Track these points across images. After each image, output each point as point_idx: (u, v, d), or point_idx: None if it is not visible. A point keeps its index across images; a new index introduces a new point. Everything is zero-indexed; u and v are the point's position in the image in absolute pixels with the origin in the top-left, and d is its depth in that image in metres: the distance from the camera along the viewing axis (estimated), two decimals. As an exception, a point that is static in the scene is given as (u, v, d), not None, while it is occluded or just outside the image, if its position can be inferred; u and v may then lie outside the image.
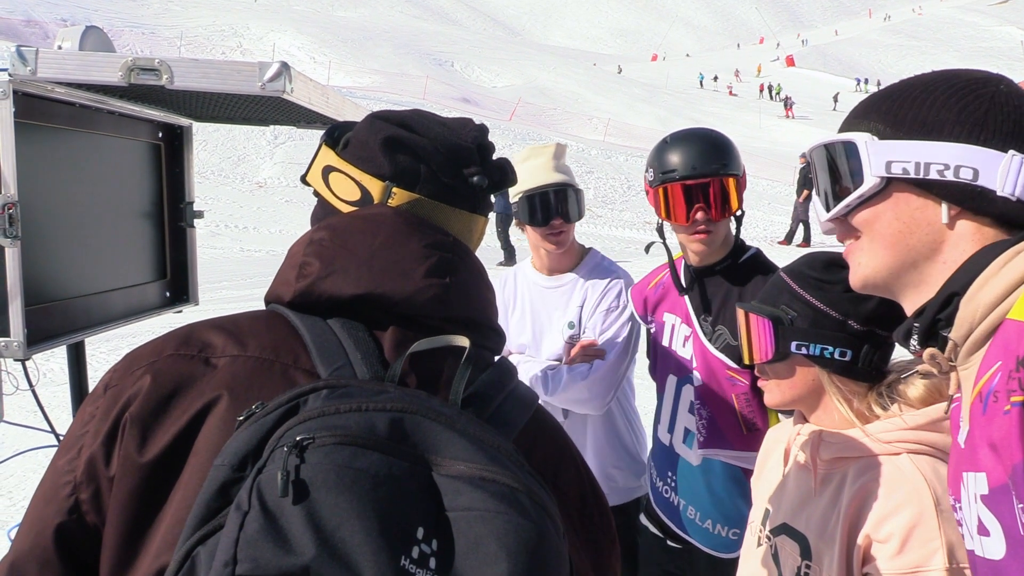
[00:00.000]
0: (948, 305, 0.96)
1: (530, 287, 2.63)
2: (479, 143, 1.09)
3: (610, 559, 1.03)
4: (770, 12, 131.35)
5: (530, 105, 39.18)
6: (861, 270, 1.08)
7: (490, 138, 1.13)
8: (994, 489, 0.89)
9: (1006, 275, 0.90)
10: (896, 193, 1.02)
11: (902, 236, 1.02)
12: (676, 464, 2.30)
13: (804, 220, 17.34)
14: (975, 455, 0.93)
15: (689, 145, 2.17)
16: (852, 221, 1.07)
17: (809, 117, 51.93)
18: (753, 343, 1.50)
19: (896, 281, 1.05)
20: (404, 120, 1.06)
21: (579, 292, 2.54)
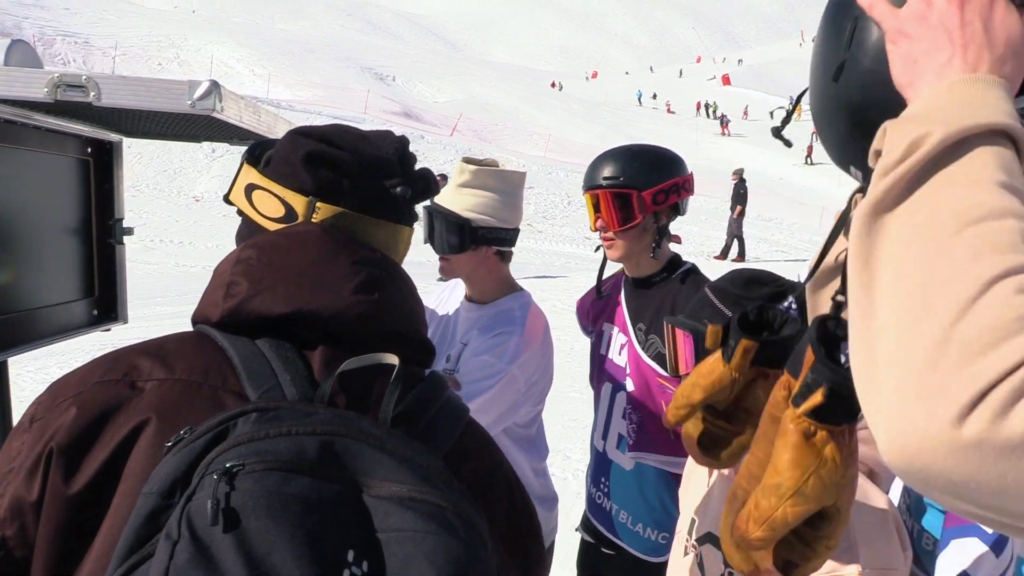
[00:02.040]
0: None
1: (454, 305, 2.47)
2: (400, 154, 1.11)
3: (539, 570, 1.05)
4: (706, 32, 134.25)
5: (472, 120, 39.29)
6: None
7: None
8: None
9: None
10: None
11: None
12: (610, 470, 2.35)
13: (738, 235, 17.72)
14: None
15: (605, 158, 2.29)
16: None
17: (744, 135, 53.10)
18: (678, 355, 1.55)
19: None
20: (325, 135, 1.08)
21: (472, 330, 2.30)
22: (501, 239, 2.27)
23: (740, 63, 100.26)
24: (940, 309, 0.56)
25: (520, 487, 1.06)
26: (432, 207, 2.26)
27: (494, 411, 2.18)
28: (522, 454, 2.36)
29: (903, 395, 0.56)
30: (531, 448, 2.39)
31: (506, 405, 2.20)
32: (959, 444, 0.53)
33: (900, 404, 0.56)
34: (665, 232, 2.30)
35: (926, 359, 0.55)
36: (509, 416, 2.24)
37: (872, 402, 0.59)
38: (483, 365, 2.19)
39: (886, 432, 0.57)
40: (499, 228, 2.25)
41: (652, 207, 2.23)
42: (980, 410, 0.53)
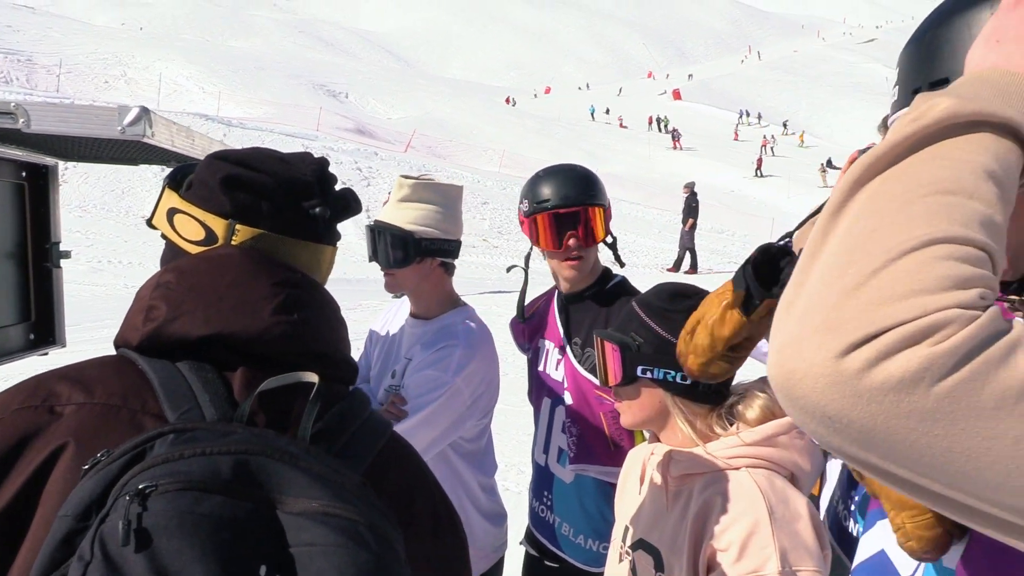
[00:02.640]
0: None
1: (398, 322, 2.49)
2: (319, 176, 1.13)
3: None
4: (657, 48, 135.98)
5: (426, 136, 39.29)
6: None
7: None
8: None
9: None
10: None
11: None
12: (551, 483, 2.39)
13: (690, 248, 17.95)
14: None
15: (560, 178, 2.31)
16: None
17: (695, 148, 53.83)
18: (607, 367, 1.60)
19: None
20: (242, 159, 1.10)
21: (416, 345, 2.33)
22: (445, 250, 2.30)
23: (690, 78, 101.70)
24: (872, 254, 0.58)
25: (444, 500, 1.09)
26: (375, 224, 2.28)
27: (440, 424, 2.19)
28: (469, 469, 2.38)
29: (805, 324, 0.58)
30: (479, 463, 2.42)
31: (452, 418, 2.21)
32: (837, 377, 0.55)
33: (798, 331, 0.58)
34: (614, 244, 2.41)
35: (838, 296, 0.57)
36: (455, 430, 2.26)
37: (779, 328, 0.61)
38: (427, 379, 2.20)
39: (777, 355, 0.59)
40: (442, 239, 2.29)
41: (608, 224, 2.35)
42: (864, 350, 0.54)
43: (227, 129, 25.39)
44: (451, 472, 2.33)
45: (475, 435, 2.37)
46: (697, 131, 63.14)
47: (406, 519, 0.96)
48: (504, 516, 2.47)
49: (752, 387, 1.58)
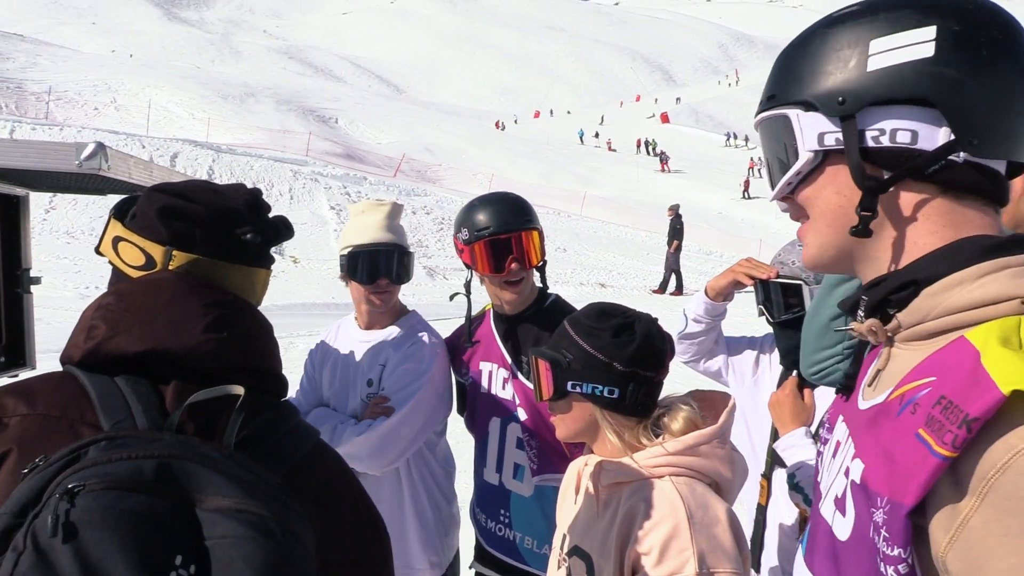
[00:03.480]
0: (904, 289, 0.91)
1: (347, 341, 2.64)
2: (251, 205, 1.24)
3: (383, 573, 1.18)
4: (644, 72, 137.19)
5: (415, 161, 39.50)
6: (809, 250, 1.02)
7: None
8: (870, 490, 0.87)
9: (982, 289, 0.84)
10: (830, 167, 0.96)
11: (843, 211, 0.95)
12: (508, 501, 2.47)
13: (675, 270, 18.08)
14: (863, 437, 0.93)
15: (497, 206, 2.43)
16: (798, 199, 1.01)
17: (683, 171, 54.20)
18: (541, 383, 1.69)
19: (844, 259, 0.99)
20: (179, 190, 1.21)
21: (385, 350, 2.52)
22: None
23: (678, 101, 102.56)
24: None
25: (368, 506, 1.19)
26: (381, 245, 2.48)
27: (426, 410, 2.42)
28: (439, 466, 2.62)
29: None
30: (446, 461, 2.67)
31: (430, 408, 2.44)
32: None
33: None
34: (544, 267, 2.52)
35: None
36: (433, 421, 2.47)
37: None
38: (407, 372, 2.43)
39: None
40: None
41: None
42: None
43: (216, 155, 25.49)
44: (426, 464, 2.56)
45: (441, 431, 2.61)
46: (685, 154, 63.63)
47: (325, 521, 1.06)
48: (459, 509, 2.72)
49: (677, 400, 1.68)
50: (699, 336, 2.56)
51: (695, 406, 1.67)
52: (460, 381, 2.63)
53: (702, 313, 2.51)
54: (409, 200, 25.05)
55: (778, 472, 2.42)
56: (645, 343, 1.63)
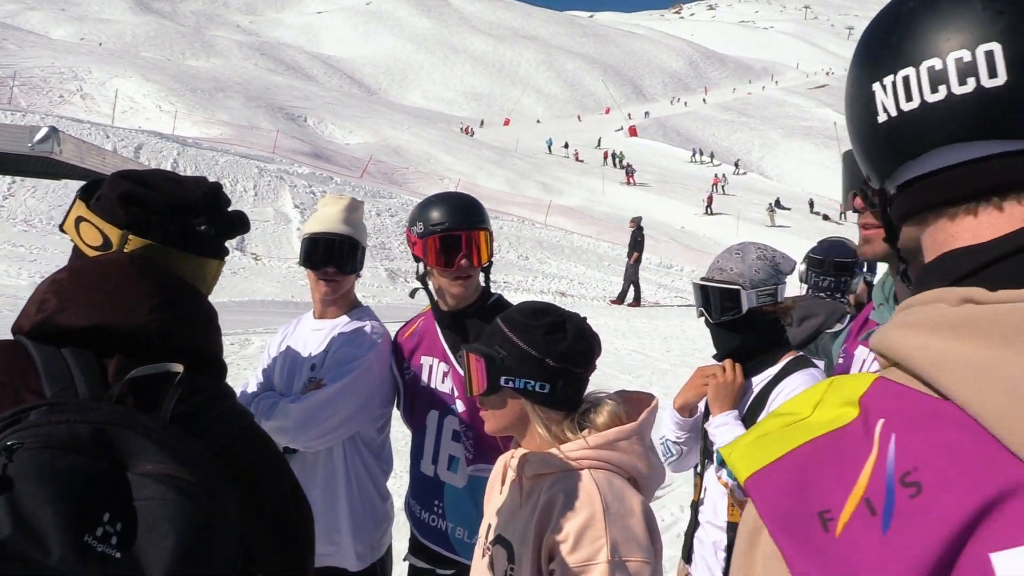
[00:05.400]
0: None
1: (301, 331, 2.75)
2: (210, 197, 1.32)
3: (305, 554, 1.25)
4: (615, 85, 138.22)
5: (382, 163, 39.47)
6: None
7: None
8: None
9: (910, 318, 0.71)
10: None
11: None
12: (442, 491, 2.54)
13: (634, 281, 18.25)
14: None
15: (452, 203, 2.54)
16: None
17: (649, 184, 54.71)
18: (473, 378, 1.77)
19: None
20: (141, 178, 1.29)
21: (331, 339, 2.63)
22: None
23: (647, 115, 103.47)
24: None
25: (294, 485, 1.27)
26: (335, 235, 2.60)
27: (360, 394, 2.49)
28: (376, 462, 2.68)
29: None
30: (383, 458, 2.73)
31: (365, 393, 2.51)
32: None
33: None
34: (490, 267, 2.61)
35: None
36: (368, 408, 2.54)
37: None
38: (344, 355, 2.53)
39: None
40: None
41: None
42: None
43: (181, 148, 25.26)
44: (362, 460, 2.63)
45: (379, 426, 2.68)
46: (651, 167, 64.22)
47: (252, 496, 1.13)
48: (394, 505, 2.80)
49: (604, 397, 1.77)
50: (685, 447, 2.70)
51: (620, 403, 1.76)
52: (401, 378, 2.69)
53: (681, 433, 2.67)
54: (374, 202, 25.02)
55: (711, 469, 2.55)
56: (576, 340, 1.71)
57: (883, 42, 0.79)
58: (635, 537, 1.58)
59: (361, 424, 2.58)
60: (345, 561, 2.61)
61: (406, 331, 2.74)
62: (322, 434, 2.47)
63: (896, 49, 0.77)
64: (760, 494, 0.71)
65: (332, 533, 2.57)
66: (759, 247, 2.52)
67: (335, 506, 2.57)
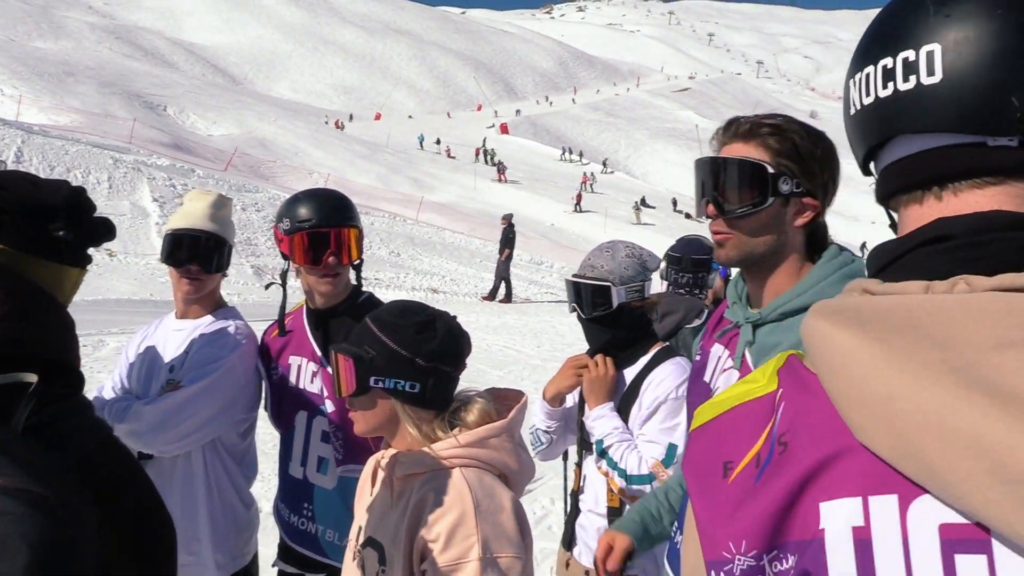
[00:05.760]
0: None
1: (162, 332, 2.65)
2: (71, 202, 1.25)
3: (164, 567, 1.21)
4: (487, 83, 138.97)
5: (248, 156, 38.21)
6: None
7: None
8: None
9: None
10: None
11: None
12: (312, 494, 2.50)
13: (505, 277, 18.43)
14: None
15: (320, 200, 2.48)
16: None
17: (520, 182, 55.30)
18: (341, 378, 1.74)
19: None
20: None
21: (192, 339, 2.54)
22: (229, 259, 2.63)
23: (518, 113, 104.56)
24: None
25: (153, 496, 1.22)
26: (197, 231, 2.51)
27: (220, 397, 2.41)
28: (238, 469, 2.60)
29: None
30: (247, 464, 2.66)
31: (226, 397, 2.43)
32: None
33: None
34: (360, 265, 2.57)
35: None
36: (229, 412, 2.46)
37: None
38: (205, 356, 2.44)
39: None
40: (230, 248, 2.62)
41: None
42: None
43: (26, 136, 23.64)
44: (223, 467, 2.54)
45: (243, 432, 2.61)
46: (522, 165, 64.95)
47: (110, 509, 1.08)
48: (259, 513, 2.74)
49: (474, 395, 1.78)
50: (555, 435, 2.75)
51: (490, 400, 1.78)
52: (269, 378, 2.63)
53: (551, 423, 2.71)
54: (240, 196, 24.21)
55: (589, 459, 2.63)
56: (447, 339, 1.72)
57: (860, 44, 0.89)
58: (506, 533, 1.61)
59: (221, 429, 2.49)
60: (205, 571, 2.52)
61: (274, 330, 2.67)
62: (177, 438, 2.37)
63: (864, 49, 0.86)
64: (690, 446, 0.89)
65: (191, 543, 2.47)
66: (627, 245, 2.60)
67: (194, 515, 2.48)
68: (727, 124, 1.72)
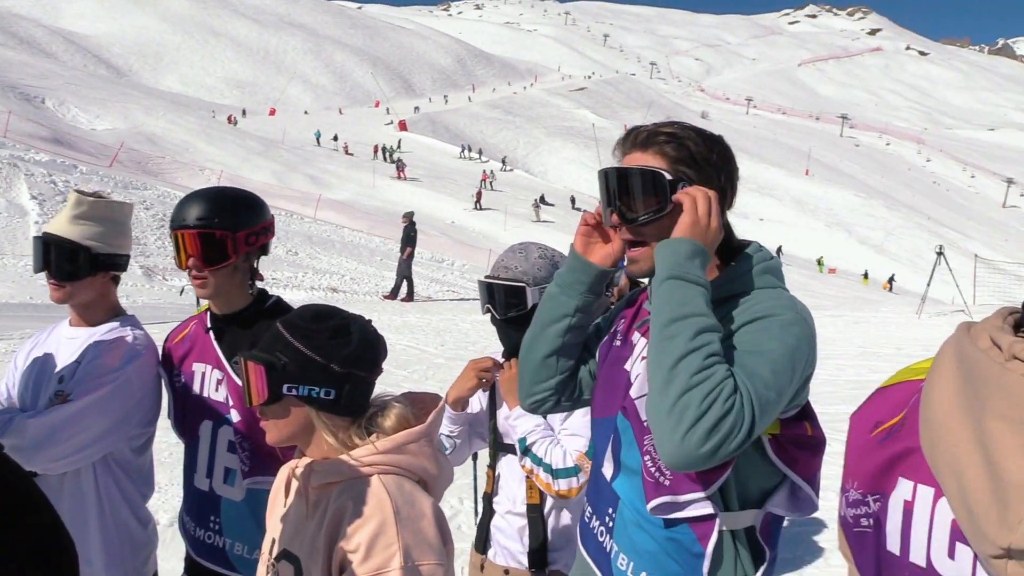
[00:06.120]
0: None
1: (54, 340, 2.50)
2: None
3: None
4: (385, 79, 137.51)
5: (135, 152, 36.67)
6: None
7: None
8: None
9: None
10: None
11: None
12: (219, 506, 2.39)
13: (407, 276, 18.28)
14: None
15: (199, 200, 2.37)
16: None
17: (419, 179, 54.98)
18: (252, 387, 1.67)
19: None
20: None
21: (85, 348, 2.39)
22: (117, 264, 2.47)
23: (416, 110, 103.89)
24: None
25: (53, 517, 1.13)
26: (48, 237, 2.36)
27: (112, 413, 2.25)
28: (133, 485, 2.44)
29: None
30: (143, 481, 2.49)
31: (119, 412, 2.28)
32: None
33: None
34: (255, 270, 2.45)
35: None
36: (122, 427, 2.30)
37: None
38: (97, 367, 2.30)
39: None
40: (115, 254, 2.44)
41: (244, 248, 2.36)
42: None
43: None
44: (116, 484, 2.38)
45: (139, 447, 2.44)
46: (421, 162, 64.58)
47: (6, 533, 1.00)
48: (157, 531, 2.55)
49: (390, 400, 1.74)
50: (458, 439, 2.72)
51: (407, 405, 1.74)
52: (171, 387, 2.51)
53: (454, 427, 2.68)
54: (127, 194, 23.22)
55: (503, 461, 2.62)
56: (362, 344, 1.67)
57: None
58: (427, 540, 1.58)
59: (113, 445, 2.33)
60: None
61: (176, 335, 2.54)
62: (63, 455, 2.19)
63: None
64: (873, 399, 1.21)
65: (82, 566, 2.31)
66: (540, 246, 2.62)
67: (85, 536, 2.30)
68: (626, 134, 1.76)
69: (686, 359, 1.43)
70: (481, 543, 2.67)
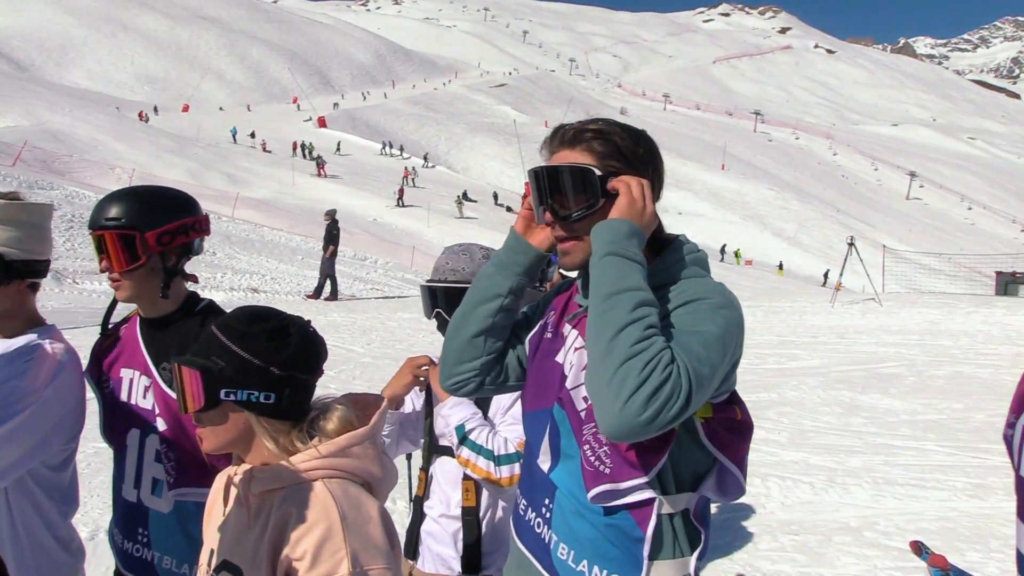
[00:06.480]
0: None
1: None
2: None
3: None
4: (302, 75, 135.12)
5: (39, 150, 35.12)
6: None
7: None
8: None
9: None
10: None
11: None
12: (147, 518, 2.29)
13: (331, 275, 18.04)
14: None
15: (112, 198, 2.27)
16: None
17: (340, 176, 54.23)
18: (187, 393, 1.60)
19: None
20: None
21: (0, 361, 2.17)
22: (35, 271, 2.22)
23: (336, 107, 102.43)
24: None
25: None
26: None
27: (27, 440, 2.03)
28: (51, 502, 2.23)
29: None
30: (64, 496, 2.28)
31: (39, 435, 2.06)
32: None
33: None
34: (175, 272, 2.32)
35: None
36: (40, 450, 2.09)
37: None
38: (11, 390, 2.04)
39: None
40: (32, 260, 2.20)
41: (156, 248, 2.24)
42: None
43: None
44: (32, 504, 2.18)
45: (59, 463, 2.23)
46: (341, 159, 63.71)
47: None
48: (83, 549, 2.36)
49: (332, 402, 1.69)
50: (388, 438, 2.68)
51: (350, 406, 1.69)
52: (100, 392, 2.38)
53: (387, 427, 2.64)
54: (32, 194, 22.24)
55: (438, 463, 2.58)
56: (302, 345, 1.62)
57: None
58: (375, 544, 1.54)
59: (27, 467, 2.12)
60: None
61: (106, 340, 2.42)
62: None
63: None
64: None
65: None
66: (481, 247, 2.62)
67: None
68: (553, 133, 1.78)
69: (626, 330, 1.45)
70: (410, 549, 2.63)
